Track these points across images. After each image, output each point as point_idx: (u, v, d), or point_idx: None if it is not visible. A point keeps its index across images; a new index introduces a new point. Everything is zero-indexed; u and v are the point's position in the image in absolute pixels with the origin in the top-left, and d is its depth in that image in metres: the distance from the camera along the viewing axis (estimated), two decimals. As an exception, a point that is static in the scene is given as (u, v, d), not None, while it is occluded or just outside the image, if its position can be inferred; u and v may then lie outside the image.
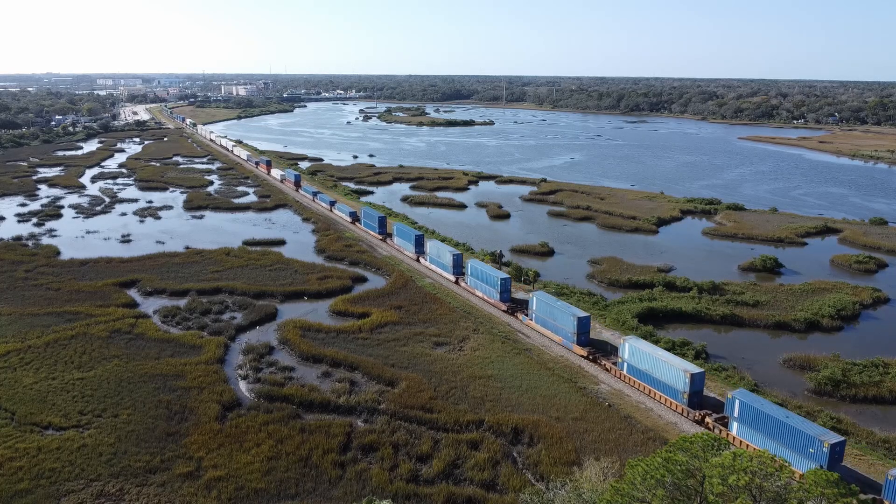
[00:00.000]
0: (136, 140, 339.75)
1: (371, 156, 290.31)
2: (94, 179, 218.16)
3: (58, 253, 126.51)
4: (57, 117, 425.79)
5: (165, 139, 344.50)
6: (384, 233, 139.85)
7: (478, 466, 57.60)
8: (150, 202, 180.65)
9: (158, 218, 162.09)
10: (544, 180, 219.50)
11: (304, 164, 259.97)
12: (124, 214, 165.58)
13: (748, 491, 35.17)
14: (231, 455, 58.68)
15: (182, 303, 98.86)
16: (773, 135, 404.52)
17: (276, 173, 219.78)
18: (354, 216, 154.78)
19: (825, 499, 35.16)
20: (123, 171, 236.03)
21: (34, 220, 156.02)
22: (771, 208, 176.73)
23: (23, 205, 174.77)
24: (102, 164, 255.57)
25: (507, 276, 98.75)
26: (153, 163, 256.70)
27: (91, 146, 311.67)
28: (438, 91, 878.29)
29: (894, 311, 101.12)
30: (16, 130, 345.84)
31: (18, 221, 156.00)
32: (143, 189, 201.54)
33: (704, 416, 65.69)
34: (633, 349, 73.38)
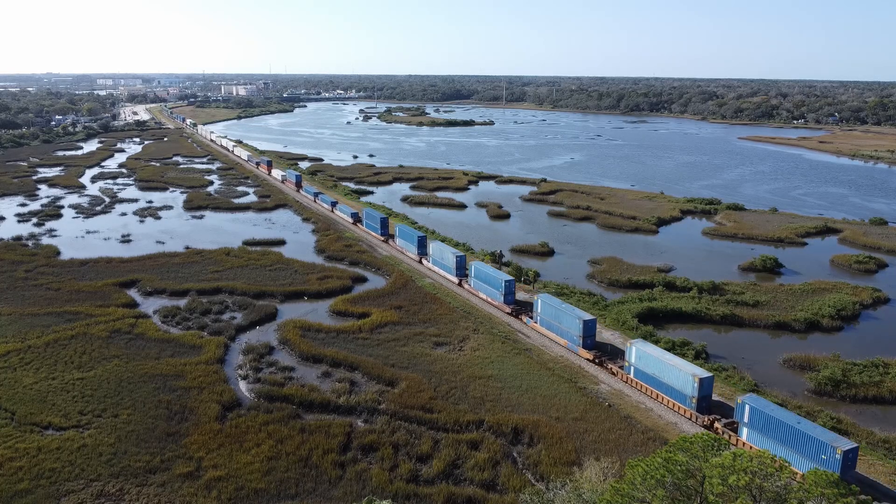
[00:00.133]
0: (136, 140, 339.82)
1: (371, 156, 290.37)
2: (94, 179, 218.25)
3: (58, 253, 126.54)
4: (57, 117, 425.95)
5: (165, 139, 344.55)
6: (386, 234, 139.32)
7: (478, 466, 57.58)
8: (150, 202, 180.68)
9: (158, 218, 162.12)
10: (544, 180, 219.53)
11: (304, 164, 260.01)
12: (124, 214, 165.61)
13: (748, 491, 35.16)
14: (231, 455, 58.68)
15: (182, 303, 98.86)
16: (773, 135, 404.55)
17: (277, 174, 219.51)
18: (356, 217, 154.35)
19: (825, 499, 35.15)
20: (123, 171, 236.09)
21: (34, 220, 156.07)
22: (771, 208, 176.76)
23: (23, 205, 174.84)
24: (102, 164, 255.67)
25: (511, 279, 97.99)
26: (153, 163, 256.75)
27: (91, 146, 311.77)
28: (438, 91, 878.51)
29: (894, 311, 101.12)
30: (16, 130, 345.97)
31: (18, 221, 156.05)
32: (143, 189, 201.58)
33: (713, 421, 64.79)
34: (640, 353, 72.33)
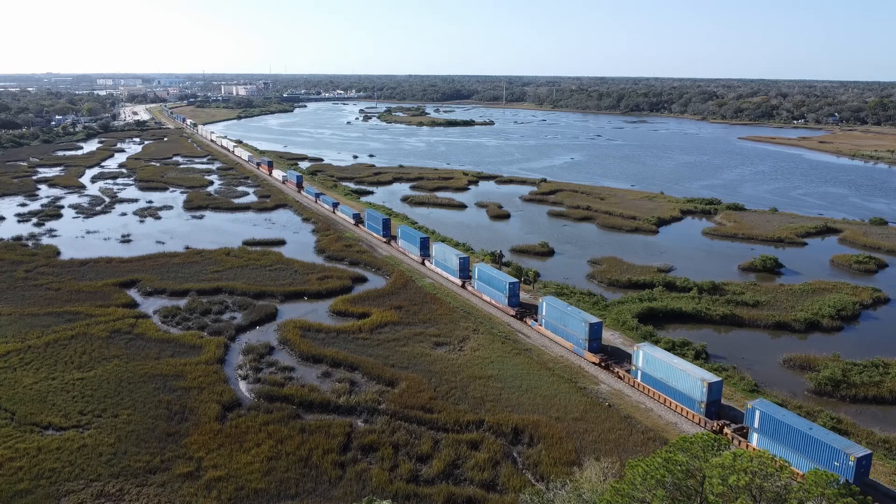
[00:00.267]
0: (136, 140, 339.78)
1: (371, 156, 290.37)
2: (94, 179, 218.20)
3: (58, 253, 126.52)
4: (57, 117, 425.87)
5: (165, 139, 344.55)
6: (388, 235, 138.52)
7: (478, 466, 57.58)
8: (150, 202, 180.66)
9: (158, 218, 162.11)
10: (544, 180, 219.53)
11: (304, 164, 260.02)
12: (124, 214, 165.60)
13: (748, 491, 35.17)
14: (231, 455, 58.68)
15: (182, 303, 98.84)
16: (773, 135, 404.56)
17: (278, 174, 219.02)
18: (358, 218, 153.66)
19: (825, 499, 35.15)
20: (123, 171, 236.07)
21: (34, 220, 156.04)
22: (771, 208, 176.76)
23: (23, 205, 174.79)
24: (102, 164, 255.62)
25: (515, 281, 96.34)
26: (153, 163, 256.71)
27: (91, 146, 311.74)
28: (438, 91, 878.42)
29: (894, 311, 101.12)
30: (16, 130, 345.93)
31: (18, 221, 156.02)
32: (143, 189, 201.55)
33: (723, 426, 63.89)
34: (648, 357, 71.27)
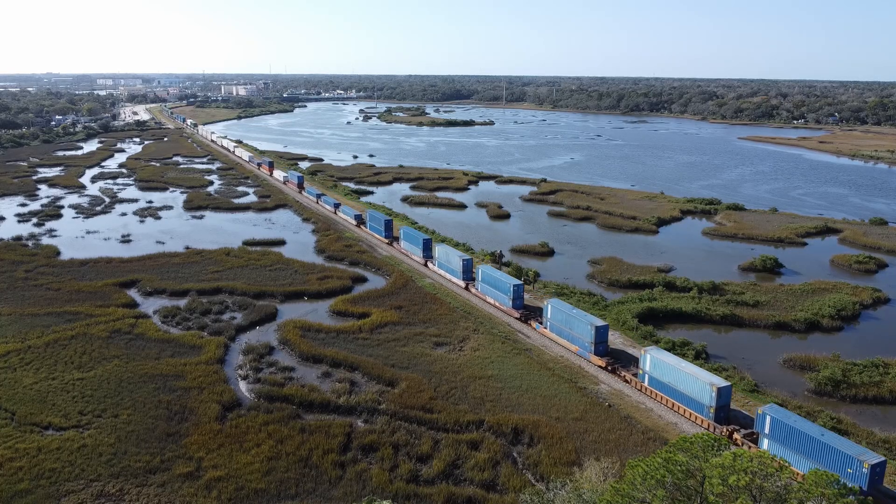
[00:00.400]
0: (136, 140, 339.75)
1: (371, 156, 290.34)
2: (94, 179, 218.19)
3: (58, 253, 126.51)
4: (57, 117, 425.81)
5: (165, 139, 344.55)
6: (390, 236, 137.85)
7: (478, 467, 57.58)
8: (150, 202, 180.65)
9: (158, 218, 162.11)
10: (544, 180, 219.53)
11: (304, 164, 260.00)
12: (124, 214, 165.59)
13: (748, 491, 35.16)
14: (231, 455, 58.68)
15: (182, 303, 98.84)
16: (773, 135, 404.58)
17: (279, 175, 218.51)
18: (360, 219, 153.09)
19: (825, 499, 35.15)
20: (123, 171, 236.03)
21: (34, 220, 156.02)
22: (771, 208, 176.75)
23: (23, 205, 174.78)
24: (102, 164, 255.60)
25: (520, 283, 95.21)
26: (153, 163, 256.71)
27: (91, 146, 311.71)
28: (438, 91, 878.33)
29: (894, 312, 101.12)
30: (16, 130, 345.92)
31: (18, 221, 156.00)
32: (143, 189, 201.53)
33: (732, 431, 62.78)
34: (656, 361, 70.32)
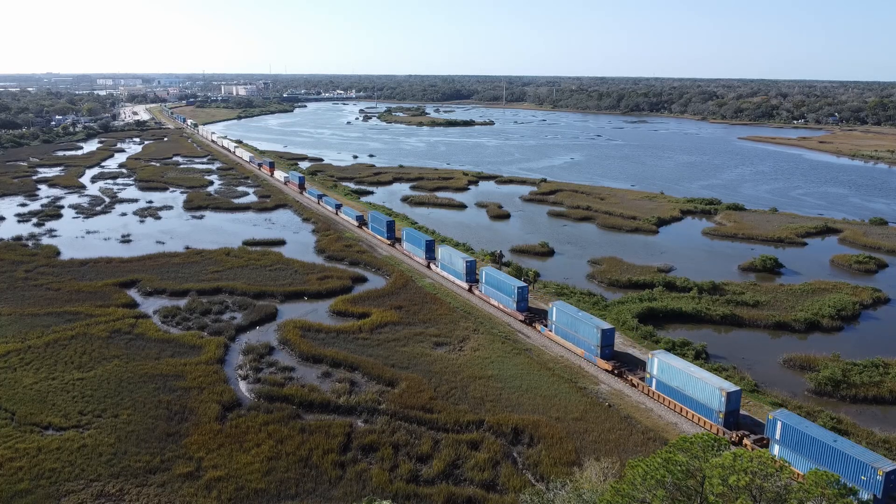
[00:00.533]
0: (136, 140, 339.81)
1: (371, 156, 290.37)
2: (94, 179, 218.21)
3: (58, 253, 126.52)
4: (57, 117, 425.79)
5: (165, 139, 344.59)
6: (392, 237, 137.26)
7: (478, 467, 57.57)
8: (150, 202, 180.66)
9: (158, 218, 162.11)
10: (544, 180, 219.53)
11: (304, 164, 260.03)
12: (124, 214, 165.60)
13: (748, 491, 35.15)
14: (231, 455, 58.68)
15: (182, 303, 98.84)
16: (773, 135, 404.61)
17: (280, 175, 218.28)
18: (361, 220, 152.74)
19: (825, 499, 35.15)
20: (123, 171, 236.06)
21: (34, 220, 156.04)
22: (771, 208, 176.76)
23: (23, 205, 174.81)
24: (102, 164, 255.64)
25: (524, 285, 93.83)
26: (153, 163, 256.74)
27: (91, 146, 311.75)
28: (438, 91, 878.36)
29: (894, 312, 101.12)
30: (16, 130, 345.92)
31: (18, 221, 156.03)
32: (143, 189, 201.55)
33: (742, 437, 61.88)
34: (663, 365, 69.41)
